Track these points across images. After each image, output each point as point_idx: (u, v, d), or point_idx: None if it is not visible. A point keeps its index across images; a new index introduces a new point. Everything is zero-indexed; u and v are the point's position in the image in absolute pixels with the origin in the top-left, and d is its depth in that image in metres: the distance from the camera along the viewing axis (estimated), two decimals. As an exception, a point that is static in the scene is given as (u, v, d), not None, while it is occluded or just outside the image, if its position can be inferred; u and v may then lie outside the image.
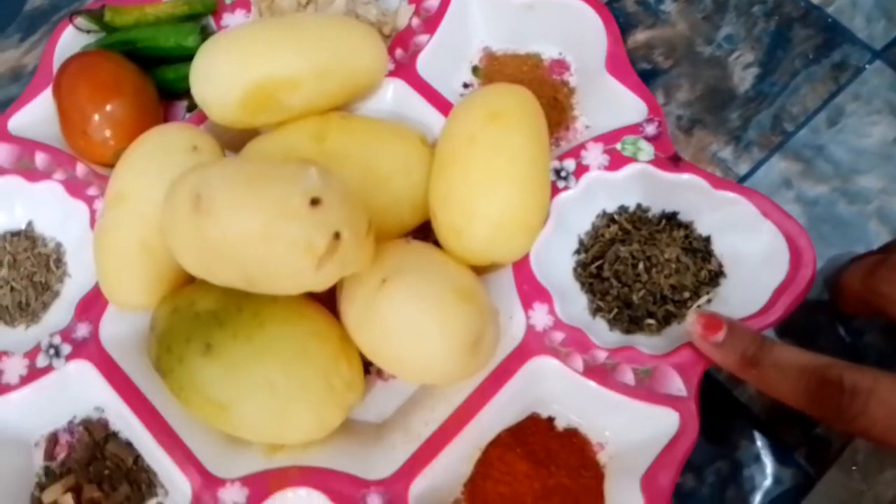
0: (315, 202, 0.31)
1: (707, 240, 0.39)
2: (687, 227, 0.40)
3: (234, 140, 0.40)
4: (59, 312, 0.40)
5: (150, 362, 0.35)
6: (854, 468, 0.37)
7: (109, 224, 0.35)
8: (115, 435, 0.38)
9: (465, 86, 0.44)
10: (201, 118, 0.41)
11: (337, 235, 0.31)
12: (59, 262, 0.41)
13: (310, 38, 0.37)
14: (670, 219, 0.40)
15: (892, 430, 0.28)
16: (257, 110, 0.37)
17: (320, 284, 0.33)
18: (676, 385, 0.35)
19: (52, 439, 0.38)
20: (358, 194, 0.32)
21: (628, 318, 0.38)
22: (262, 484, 0.35)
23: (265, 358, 0.33)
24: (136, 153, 0.36)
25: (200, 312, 0.34)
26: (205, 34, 0.44)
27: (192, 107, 0.44)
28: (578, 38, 0.43)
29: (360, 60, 0.38)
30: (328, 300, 0.36)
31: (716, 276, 0.39)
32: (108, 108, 0.40)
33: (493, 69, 0.44)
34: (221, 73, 0.36)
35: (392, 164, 0.37)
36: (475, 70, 0.44)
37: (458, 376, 0.34)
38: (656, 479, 0.34)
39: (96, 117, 0.40)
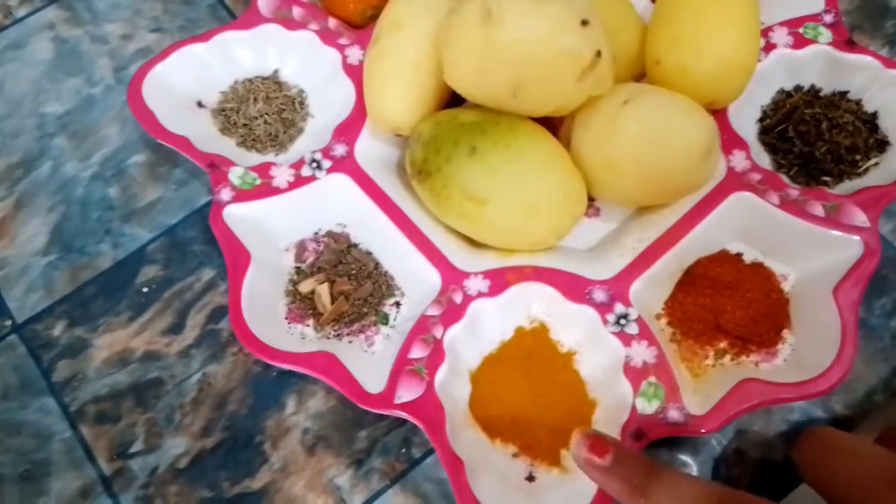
0: (585, 23, 0.37)
1: (874, 114, 0.45)
2: (857, 102, 0.46)
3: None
4: (303, 145, 0.46)
5: (412, 167, 0.41)
6: None
7: (386, 48, 0.41)
8: (355, 246, 0.44)
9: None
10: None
11: (598, 54, 0.37)
12: (303, 104, 0.47)
13: None
14: (842, 96, 0.46)
15: None
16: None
17: (575, 98, 0.39)
18: (860, 218, 0.41)
19: (301, 245, 0.44)
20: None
21: (806, 174, 0.44)
22: (501, 277, 0.40)
23: (520, 162, 0.39)
24: (406, -7, 0.43)
25: (465, 123, 0.40)
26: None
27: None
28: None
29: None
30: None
31: (882, 145, 0.45)
32: (363, -31, 0.46)
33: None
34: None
35: (616, 20, 0.43)
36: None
37: (693, 181, 0.39)
38: (847, 291, 0.39)
39: (350, -23, 0.46)
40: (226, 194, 0.42)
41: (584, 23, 0.37)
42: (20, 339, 0.43)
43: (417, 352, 0.39)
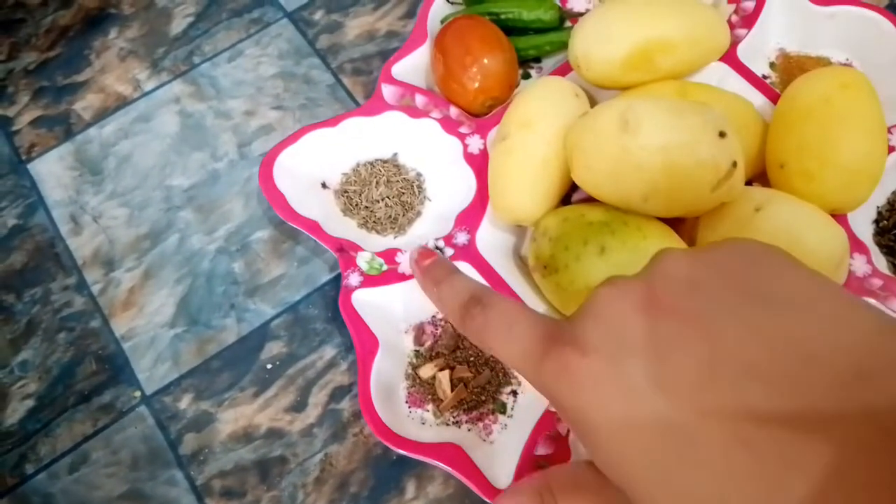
0: (722, 134, 0.38)
1: None
2: (976, 205, 0.46)
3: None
4: (421, 228, 0.48)
5: (536, 261, 0.42)
6: None
7: (516, 144, 0.43)
8: (472, 331, 0.45)
9: (764, 77, 0.51)
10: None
11: (734, 164, 0.38)
12: (420, 188, 0.49)
13: (686, 9, 0.44)
14: (962, 198, 0.46)
15: (501, 338, 0.26)
16: (633, 68, 0.44)
17: (707, 205, 0.39)
18: None
19: (420, 329, 0.45)
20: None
21: (925, 277, 0.44)
22: (624, 374, 0.41)
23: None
24: (536, 92, 0.44)
25: (593, 222, 0.41)
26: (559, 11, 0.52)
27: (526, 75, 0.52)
28: (870, 45, 0.50)
29: (718, 36, 0.46)
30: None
31: None
32: (485, 61, 0.48)
33: (789, 67, 0.51)
34: (614, 32, 0.43)
35: (737, 122, 0.44)
36: (772, 65, 0.52)
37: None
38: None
39: (474, 69, 0.48)
40: (354, 279, 0.44)
41: (722, 134, 0.38)
42: (149, 410, 0.45)
43: (542, 448, 0.39)
